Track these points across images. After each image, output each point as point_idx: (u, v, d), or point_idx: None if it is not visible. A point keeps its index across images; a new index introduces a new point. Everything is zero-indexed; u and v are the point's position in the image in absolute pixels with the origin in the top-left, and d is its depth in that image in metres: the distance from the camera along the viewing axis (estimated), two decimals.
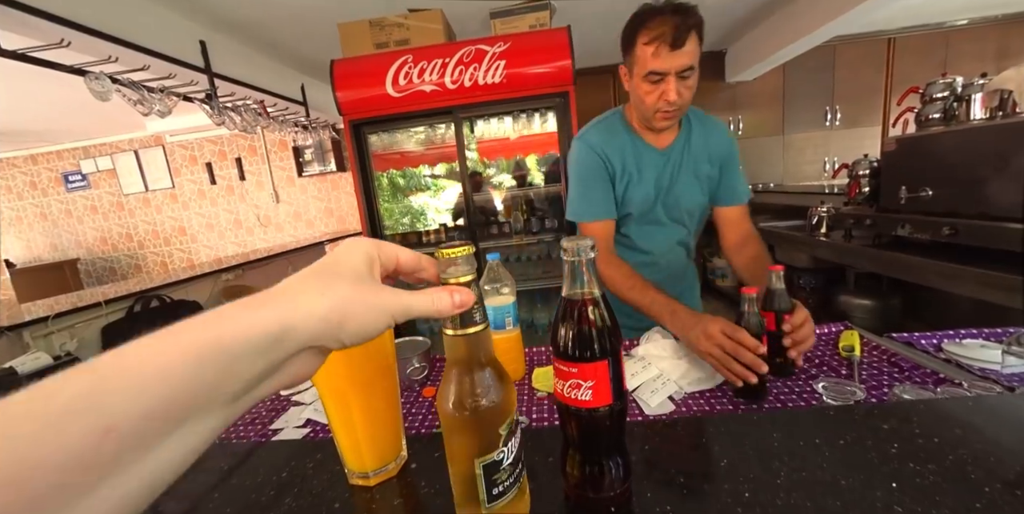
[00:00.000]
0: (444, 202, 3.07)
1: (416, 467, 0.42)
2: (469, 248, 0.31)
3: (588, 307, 0.33)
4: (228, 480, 0.43)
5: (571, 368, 0.33)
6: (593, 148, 1.08)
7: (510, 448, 0.31)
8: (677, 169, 1.09)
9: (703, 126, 1.10)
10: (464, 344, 0.31)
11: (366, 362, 0.38)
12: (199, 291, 2.18)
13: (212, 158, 4.40)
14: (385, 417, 0.40)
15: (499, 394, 0.31)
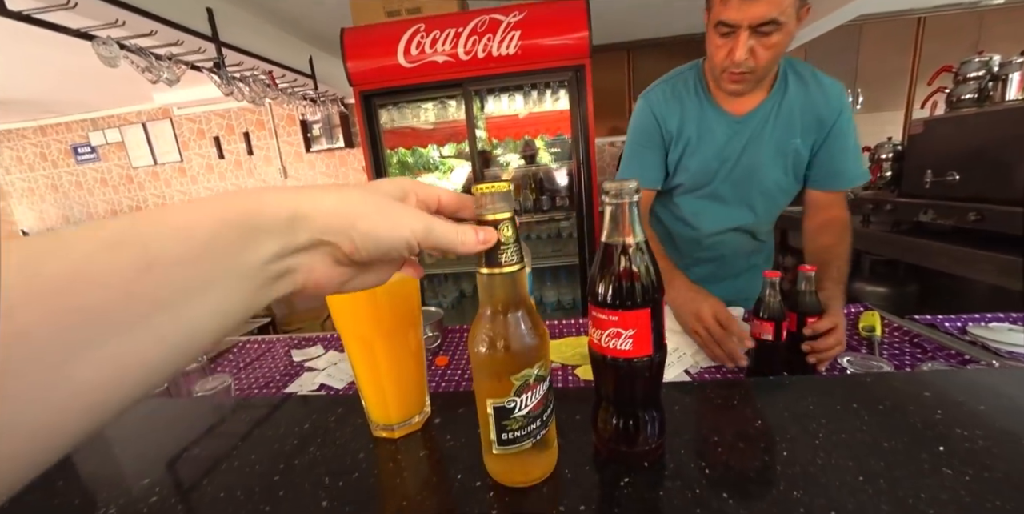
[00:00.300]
0: (452, 183, 3.03)
1: (440, 422, 0.41)
2: (507, 184, 0.29)
3: (630, 253, 0.31)
4: (250, 432, 0.42)
5: (611, 316, 0.31)
6: (651, 107, 0.96)
7: (524, 399, 0.30)
8: (755, 141, 0.92)
9: (805, 90, 0.89)
10: (494, 284, 0.29)
11: (393, 310, 0.36)
12: None
13: (220, 132, 4.37)
14: (411, 369, 0.39)
15: (520, 341, 0.30)
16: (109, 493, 0.35)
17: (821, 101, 0.89)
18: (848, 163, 0.92)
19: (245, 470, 0.36)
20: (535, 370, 0.30)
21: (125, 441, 0.43)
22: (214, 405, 0.50)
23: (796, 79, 0.90)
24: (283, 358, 1.03)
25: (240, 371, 0.98)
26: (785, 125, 0.90)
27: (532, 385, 0.30)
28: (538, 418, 0.31)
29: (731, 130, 0.92)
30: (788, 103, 0.89)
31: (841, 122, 0.89)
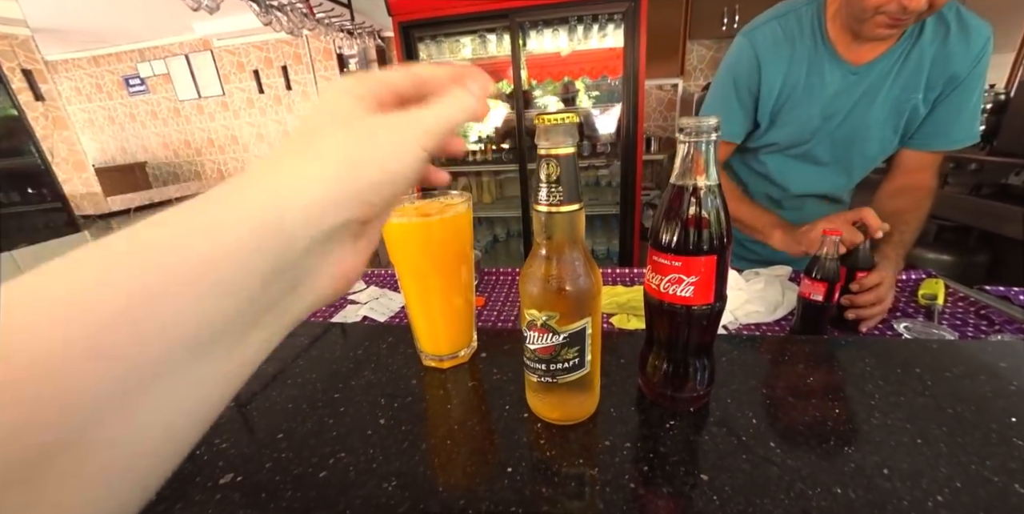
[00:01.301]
0: (491, 123, 2.91)
1: (486, 356, 0.43)
2: (574, 116, 0.26)
3: (701, 195, 0.29)
4: (308, 351, 0.45)
5: (673, 262, 0.30)
6: (755, 49, 0.82)
7: (531, 336, 0.30)
8: (870, 96, 0.79)
9: (945, 36, 0.73)
10: (545, 222, 0.28)
11: (446, 245, 0.36)
12: None
13: (259, 65, 4.31)
14: (461, 303, 0.40)
15: (532, 283, 0.29)
16: None
17: (960, 50, 0.73)
18: (962, 122, 0.78)
19: (307, 386, 0.39)
20: (541, 316, 0.29)
21: None
22: None
23: (935, 22, 0.74)
24: None
25: None
26: (909, 78, 0.76)
27: (539, 328, 0.30)
28: (546, 363, 0.31)
29: (844, 82, 0.79)
30: (919, 52, 0.74)
31: (973, 76, 0.75)
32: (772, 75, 0.82)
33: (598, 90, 2.72)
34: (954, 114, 0.78)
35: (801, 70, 0.81)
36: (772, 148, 0.92)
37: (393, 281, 1.10)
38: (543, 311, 0.29)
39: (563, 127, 0.26)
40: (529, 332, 0.31)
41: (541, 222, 0.29)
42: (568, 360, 0.30)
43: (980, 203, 1.77)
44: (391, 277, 1.12)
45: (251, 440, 0.33)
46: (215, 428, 0.34)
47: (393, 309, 0.97)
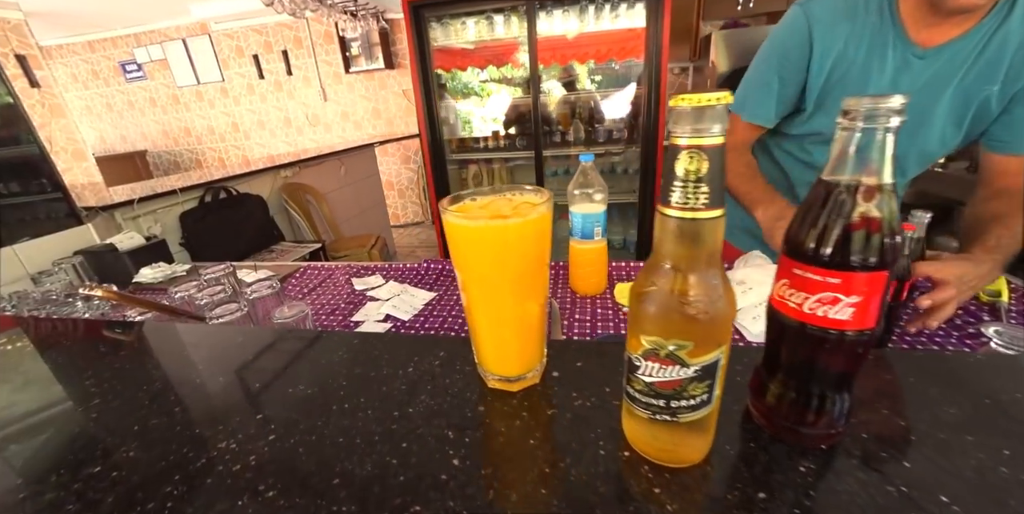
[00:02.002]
0: (496, 109, 2.81)
1: (559, 376, 0.37)
2: (723, 97, 0.20)
3: (876, 198, 0.23)
4: (352, 369, 0.40)
5: (829, 278, 0.24)
6: (810, 22, 0.73)
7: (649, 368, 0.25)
8: (939, 85, 0.70)
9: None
10: (672, 230, 0.22)
11: (527, 251, 0.30)
12: (261, 185, 2.20)
13: (258, 50, 4.19)
14: (537, 317, 0.34)
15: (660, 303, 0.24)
16: (225, 427, 0.34)
17: None
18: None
19: (358, 414, 0.34)
20: (668, 345, 0.23)
21: (220, 370, 0.42)
22: (301, 335, 0.49)
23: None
24: (344, 286, 1.04)
25: (305, 297, 1.00)
26: (987, 67, 0.67)
27: (662, 360, 0.24)
28: (667, 399, 0.25)
29: (908, 66, 0.70)
30: (1003, 36, 0.65)
31: None
32: (824, 52, 0.74)
33: (601, 74, 2.61)
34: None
35: (860, 49, 0.72)
36: (818, 138, 0.84)
37: (414, 276, 1.04)
38: (672, 339, 0.23)
39: (713, 110, 0.20)
40: (646, 362, 0.25)
41: (672, 230, 0.23)
42: (695, 396, 0.25)
43: None
44: (411, 271, 1.06)
45: (303, 487, 0.28)
46: (258, 468, 0.28)
47: (416, 307, 0.91)
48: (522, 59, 2.57)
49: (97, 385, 0.41)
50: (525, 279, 0.31)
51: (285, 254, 1.92)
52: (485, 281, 0.31)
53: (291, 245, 2.07)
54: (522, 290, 0.32)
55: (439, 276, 1.04)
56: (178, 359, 0.45)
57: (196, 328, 0.53)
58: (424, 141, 2.32)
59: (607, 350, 0.40)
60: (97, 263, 1.16)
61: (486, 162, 2.65)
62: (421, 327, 0.83)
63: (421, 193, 4.44)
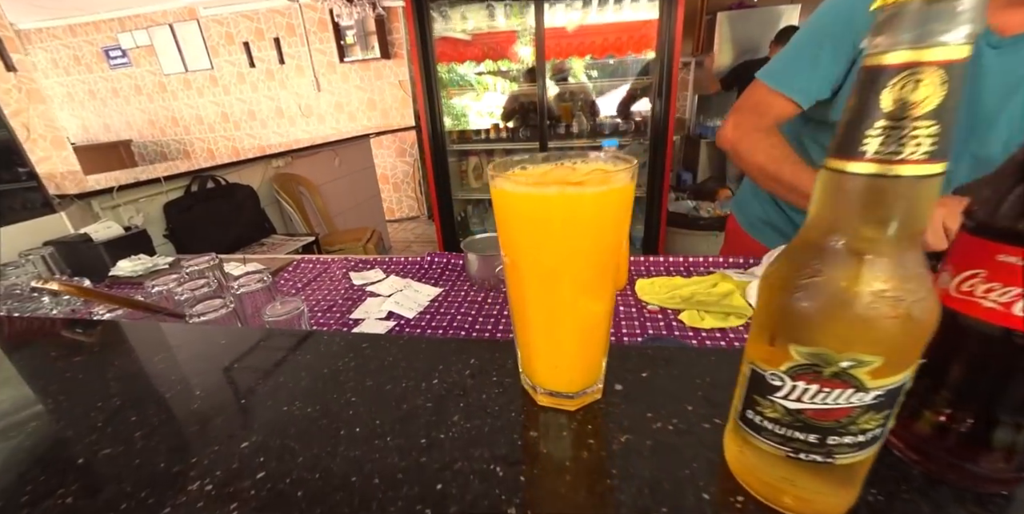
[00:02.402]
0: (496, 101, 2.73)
1: (623, 390, 0.30)
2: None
3: None
4: (362, 380, 0.32)
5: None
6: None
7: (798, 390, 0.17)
8: (1014, 82, 0.62)
9: None
10: (885, 193, 0.15)
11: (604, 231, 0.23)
12: (251, 175, 2.10)
13: (249, 37, 4.04)
14: (603, 319, 0.26)
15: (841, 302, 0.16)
16: (199, 460, 0.26)
17: None
18: None
19: (374, 442, 0.26)
20: (842, 360, 0.16)
21: (197, 383, 0.34)
22: (296, 336, 0.41)
23: None
24: (341, 281, 0.95)
25: (299, 292, 0.91)
26: None
27: (826, 381, 0.17)
28: (824, 434, 0.18)
29: (979, 56, 0.62)
30: None
31: None
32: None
33: (605, 66, 2.53)
34: None
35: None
36: None
37: (417, 270, 0.96)
38: (849, 352, 0.16)
39: (959, 5, 0.13)
40: (795, 383, 0.18)
41: (862, 194, 0.15)
42: (866, 431, 0.18)
43: None
44: (413, 265, 0.98)
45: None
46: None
47: (421, 303, 0.83)
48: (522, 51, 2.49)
49: (41, 400, 0.33)
50: (599, 266, 0.24)
51: (277, 247, 1.83)
52: (548, 268, 0.24)
53: (283, 238, 1.97)
54: (594, 281, 0.24)
55: (444, 270, 0.96)
56: (145, 367, 0.36)
57: (172, 328, 0.44)
58: (425, 132, 2.23)
59: (675, 358, 0.33)
60: (69, 255, 1.06)
61: (487, 153, 2.56)
62: (428, 325, 0.75)
63: (417, 187, 4.34)
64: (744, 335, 0.68)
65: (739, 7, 3.32)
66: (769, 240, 0.96)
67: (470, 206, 2.83)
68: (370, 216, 3.21)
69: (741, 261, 0.89)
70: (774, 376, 0.18)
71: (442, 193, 2.27)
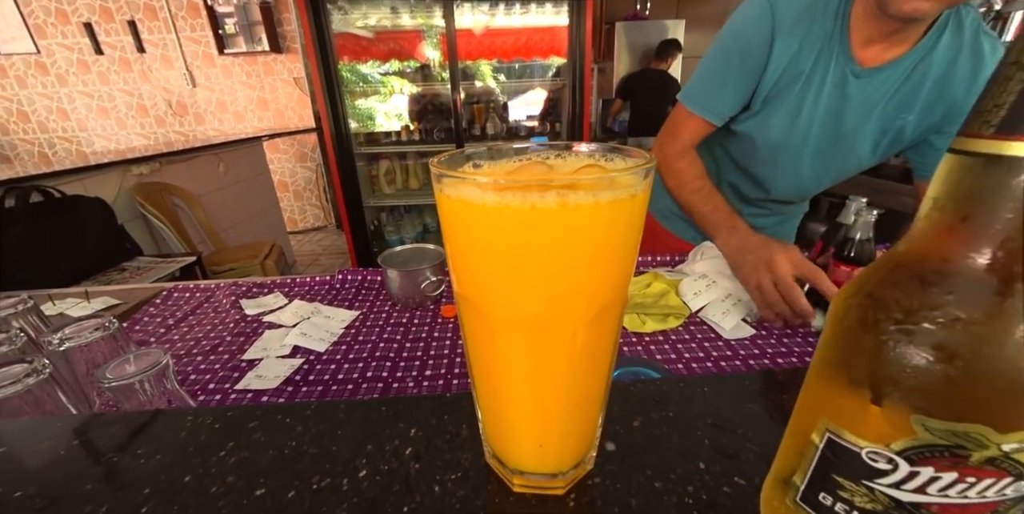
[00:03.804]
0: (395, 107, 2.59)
1: (617, 450, 0.23)
2: None
3: None
4: (247, 491, 0.21)
5: None
6: (773, 12, 0.69)
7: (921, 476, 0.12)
8: (869, 107, 0.71)
9: (955, 54, 0.66)
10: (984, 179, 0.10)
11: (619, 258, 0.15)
12: (102, 185, 1.70)
13: (92, 17, 3.35)
14: (607, 371, 0.19)
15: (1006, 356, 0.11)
16: None
17: (964, 77, 0.66)
18: None
19: None
20: (1005, 443, 0.11)
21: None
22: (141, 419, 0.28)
23: (953, 35, 0.65)
24: (230, 311, 0.78)
25: (170, 331, 0.72)
26: (907, 95, 0.69)
27: (968, 467, 0.12)
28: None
29: (846, 84, 0.70)
30: (925, 69, 0.67)
31: (973, 95, 0.66)
32: (782, 51, 0.70)
33: (517, 68, 2.54)
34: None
35: (810, 55, 0.70)
36: (749, 142, 0.83)
37: (327, 292, 0.81)
38: (1014, 431, 0.11)
39: None
40: (917, 468, 0.12)
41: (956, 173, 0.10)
42: None
43: None
44: (321, 285, 0.84)
45: None
46: None
47: (334, 332, 0.70)
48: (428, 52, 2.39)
49: None
50: (607, 307, 0.16)
51: (144, 273, 1.49)
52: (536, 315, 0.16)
53: (152, 260, 1.62)
54: (601, 328, 0.17)
55: (360, 289, 0.83)
56: None
57: None
58: (328, 135, 2.01)
59: (665, 394, 0.27)
60: None
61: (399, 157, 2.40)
62: (345, 359, 0.63)
63: (322, 194, 3.97)
64: (684, 335, 0.66)
65: (634, 18, 3.58)
66: (682, 231, 1.01)
67: (384, 213, 2.64)
68: (268, 229, 2.84)
69: (668, 259, 0.89)
70: (877, 456, 0.13)
71: (351, 201, 2.07)
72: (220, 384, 0.58)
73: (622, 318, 0.18)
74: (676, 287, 0.79)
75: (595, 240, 0.14)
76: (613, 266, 0.16)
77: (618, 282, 0.17)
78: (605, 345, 0.18)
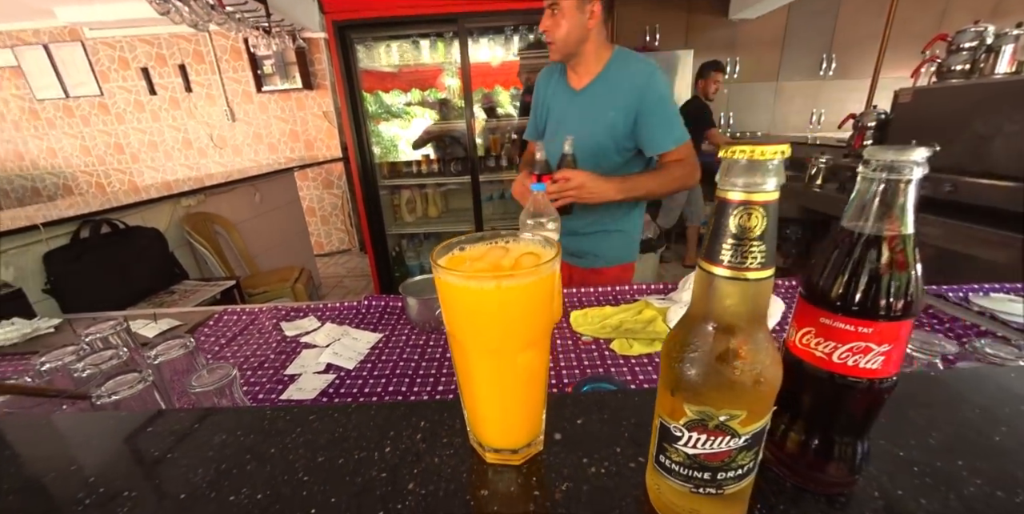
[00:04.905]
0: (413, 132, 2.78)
1: (562, 439, 0.33)
2: (781, 150, 0.19)
3: (902, 246, 0.23)
4: (313, 457, 0.33)
5: (861, 328, 0.23)
6: (539, 77, 1.24)
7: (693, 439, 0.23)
8: (593, 111, 1.10)
9: (626, 71, 1.07)
10: (720, 291, 0.21)
11: (537, 312, 0.27)
12: (156, 217, 1.91)
13: (149, 62, 3.73)
14: (544, 379, 0.30)
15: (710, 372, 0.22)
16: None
17: (627, 83, 1.06)
18: (660, 132, 1.07)
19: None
20: (720, 415, 0.22)
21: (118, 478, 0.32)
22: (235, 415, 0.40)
23: (620, 63, 1.08)
24: (272, 332, 0.91)
25: (223, 349, 0.85)
26: (607, 98, 1.08)
27: (711, 431, 0.22)
28: (714, 471, 0.23)
29: (573, 100, 1.14)
30: (610, 81, 1.08)
31: (650, 95, 1.04)
32: (540, 94, 1.23)
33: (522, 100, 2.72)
34: (654, 127, 1.07)
35: (547, 92, 1.20)
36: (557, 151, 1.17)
37: (355, 316, 0.94)
38: (723, 409, 0.21)
39: (771, 164, 0.19)
40: (691, 433, 0.22)
41: (722, 290, 0.21)
42: (743, 466, 0.23)
43: None
44: (349, 310, 0.96)
45: None
46: None
47: (361, 351, 0.82)
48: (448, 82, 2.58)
49: None
50: (535, 338, 0.28)
51: (190, 295, 1.66)
52: (489, 347, 0.27)
53: (197, 284, 1.80)
54: (531, 350, 0.28)
55: (383, 314, 0.95)
56: (53, 469, 0.33)
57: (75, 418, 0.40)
58: (353, 165, 2.19)
59: (605, 402, 0.38)
60: None
61: (419, 187, 2.57)
62: (370, 375, 0.74)
63: (347, 219, 4.19)
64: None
65: (643, 50, 3.76)
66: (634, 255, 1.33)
67: (404, 240, 2.80)
68: (297, 253, 3.03)
69: (661, 287, 0.99)
70: (676, 428, 0.23)
71: (375, 229, 2.23)
72: (268, 394, 0.70)
73: (548, 348, 0.29)
74: (664, 314, 0.88)
75: (522, 304, 0.26)
76: (536, 316, 0.27)
77: (542, 325, 0.28)
78: (539, 365, 0.29)
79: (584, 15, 1.01)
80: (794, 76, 4.19)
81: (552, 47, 1.06)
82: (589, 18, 1.02)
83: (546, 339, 0.29)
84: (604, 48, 1.08)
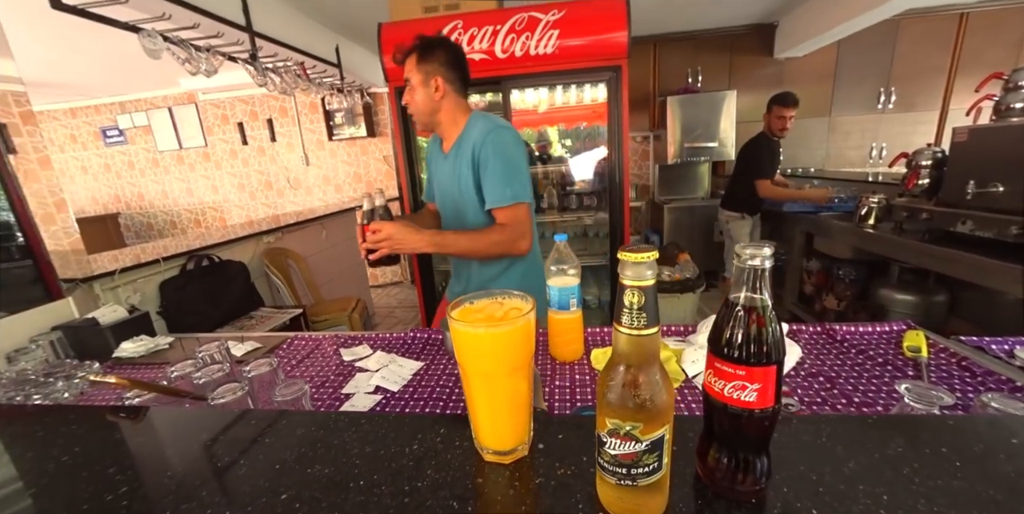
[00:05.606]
0: None
1: (544, 448, 0.44)
2: (651, 255, 0.31)
3: (762, 313, 0.33)
4: (362, 448, 0.45)
5: (737, 370, 0.33)
6: (428, 145, 1.38)
7: (613, 443, 0.33)
8: (450, 172, 1.24)
9: (471, 130, 1.18)
10: (621, 341, 0.32)
11: (517, 351, 0.39)
12: (243, 251, 2.24)
13: (244, 118, 4.41)
14: (525, 399, 0.41)
15: (617, 395, 0.32)
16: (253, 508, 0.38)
17: (468, 144, 1.17)
18: (490, 189, 1.15)
19: (373, 490, 0.39)
20: (626, 426, 0.32)
21: (239, 454, 0.47)
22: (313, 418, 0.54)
23: (472, 125, 1.19)
24: (332, 357, 1.07)
25: (294, 369, 1.02)
26: (461, 159, 1.19)
27: (621, 437, 0.32)
28: (628, 467, 0.33)
29: (446, 161, 1.26)
30: (462, 143, 1.20)
31: (483, 153, 1.13)
32: (429, 161, 1.36)
33: (571, 138, 2.91)
34: (486, 184, 1.15)
35: (430, 156, 1.35)
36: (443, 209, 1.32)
37: (401, 346, 1.09)
38: (627, 421, 0.32)
39: (646, 264, 0.30)
40: (610, 439, 0.33)
41: (623, 342, 0.32)
42: (648, 464, 0.33)
43: (933, 249, 1.93)
44: (397, 340, 1.12)
45: None
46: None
47: (405, 377, 0.95)
48: None
49: (120, 474, 0.44)
50: (517, 371, 0.40)
51: (265, 321, 1.92)
52: (485, 374, 0.39)
53: (271, 311, 2.07)
54: (514, 380, 0.40)
55: (425, 345, 1.09)
56: (196, 445, 0.49)
57: (206, 413, 0.56)
58: (407, 204, 2.45)
59: (583, 422, 0.48)
60: (76, 338, 1.15)
61: None
62: (411, 398, 0.87)
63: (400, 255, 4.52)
64: (677, 396, 0.82)
65: (684, 92, 3.88)
66: None
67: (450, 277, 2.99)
68: (355, 284, 3.33)
69: (683, 329, 1.06)
70: (603, 436, 0.34)
71: (424, 265, 2.45)
72: (328, 409, 0.85)
73: (530, 373, 0.41)
74: (679, 355, 0.94)
75: (508, 343, 0.38)
76: (515, 351, 0.39)
77: (521, 356, 0.40)
78: (522, 385, 0.41)
79: (430, 89, 1.14)
80: (848, 110, 4.09)
81: (414, 118, 1.22)
82: (435, 91, 1.14)
83: (527, 367, 0.41)
84: (460, 114, 1.20)
